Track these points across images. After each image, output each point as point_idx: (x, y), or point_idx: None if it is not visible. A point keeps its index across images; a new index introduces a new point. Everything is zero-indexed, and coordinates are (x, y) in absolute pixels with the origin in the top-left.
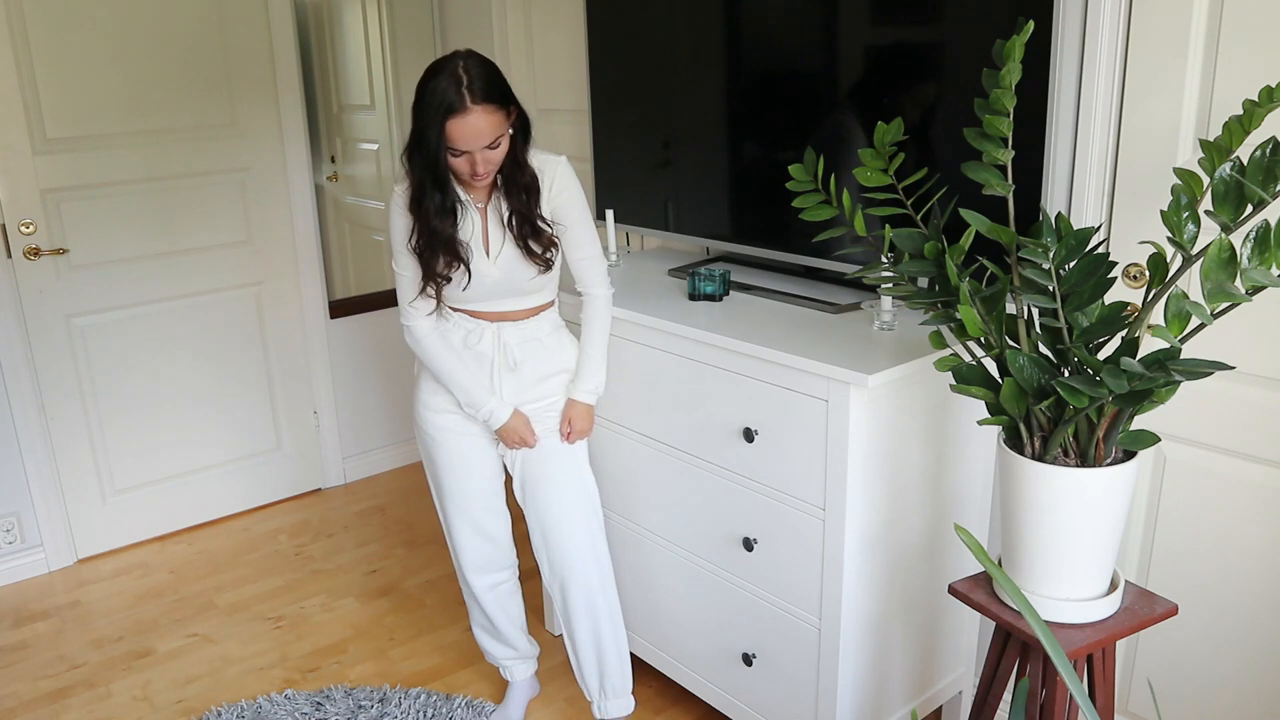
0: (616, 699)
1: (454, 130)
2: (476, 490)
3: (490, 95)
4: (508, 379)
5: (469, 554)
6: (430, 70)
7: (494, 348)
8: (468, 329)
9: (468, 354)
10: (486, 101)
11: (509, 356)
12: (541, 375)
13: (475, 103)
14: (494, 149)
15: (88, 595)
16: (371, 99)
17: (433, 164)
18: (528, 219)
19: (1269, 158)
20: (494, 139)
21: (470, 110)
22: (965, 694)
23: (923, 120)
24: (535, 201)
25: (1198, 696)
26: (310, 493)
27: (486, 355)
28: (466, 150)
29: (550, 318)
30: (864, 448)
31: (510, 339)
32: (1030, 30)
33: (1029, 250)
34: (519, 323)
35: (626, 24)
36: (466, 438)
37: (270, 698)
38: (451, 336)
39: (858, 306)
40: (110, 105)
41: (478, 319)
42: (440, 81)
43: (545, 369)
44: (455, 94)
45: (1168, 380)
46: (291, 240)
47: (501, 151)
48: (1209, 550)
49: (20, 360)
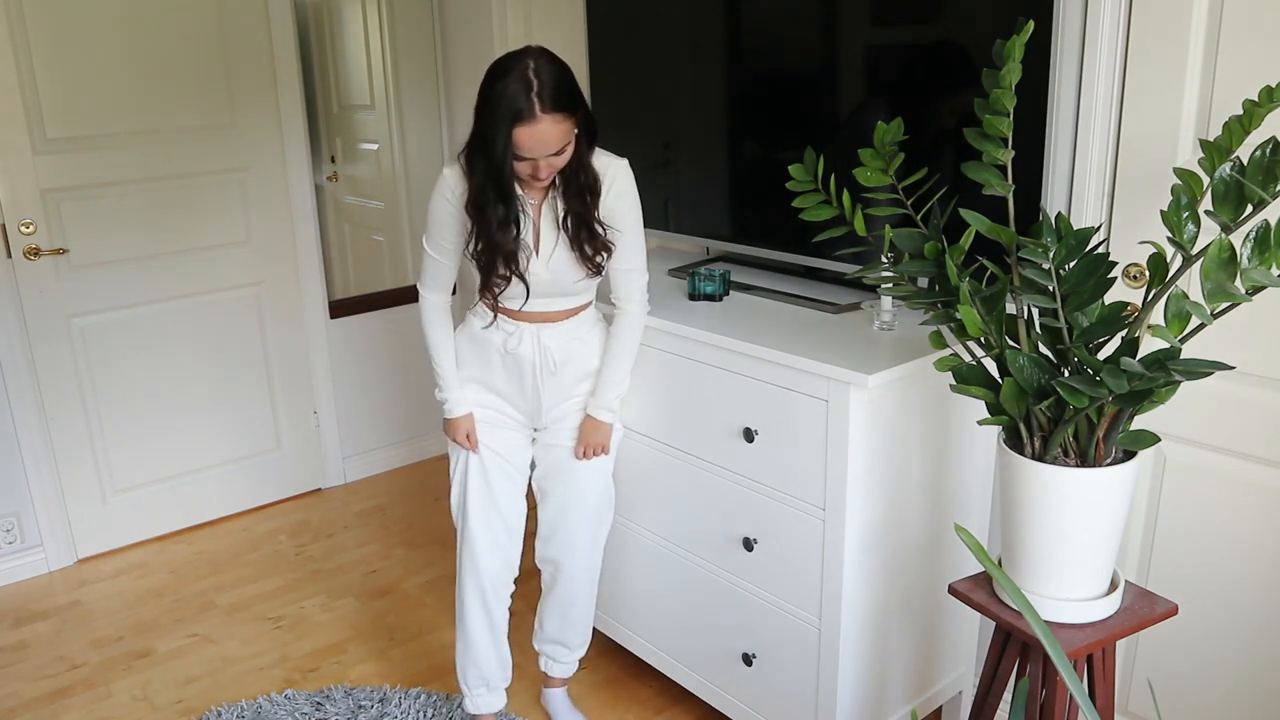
0: (560, 665)
1: (521, 138)
2: (514, 487)
3: (560, 103)
4: (548, 383)
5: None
6: (498, 69)
7: (535, 350)
8: (507, 332)
9: (509, 359)
10: (556, 110)
11: (549, 360)
12: (582, 375)
13: (545, 111)
14: (559, 155)
15: (88, 595)
16: (371, 99)
17: (497, 172)
18: (585, 222)
19: (1269, 158)
20: (561, 147)
21: (540, 119)
22: (965, 694)
23: (923, 120)
24: (595, 204)
25: (1198, 696)
26: (310, 493)
27: (527, 359)
28: (531, 157)
29: (589, 315)
30: (864, 448)
31: (550, 342)
32: (1030, 30)
33: (1029, 250)
34: (559, 324)
35: (626, 24)
36: (502, 429)
37: (270, 698)
38: (491, 338)
39: (858, 306)
40: (110, 105)
41: (517, 321)
42: (509, 85)
43: (587, 367)
44: (525, 100)
45: (1168, 380)
46: (291, 240)
47: (566, 156)
48: (1209, 550)
49: (20, 360)
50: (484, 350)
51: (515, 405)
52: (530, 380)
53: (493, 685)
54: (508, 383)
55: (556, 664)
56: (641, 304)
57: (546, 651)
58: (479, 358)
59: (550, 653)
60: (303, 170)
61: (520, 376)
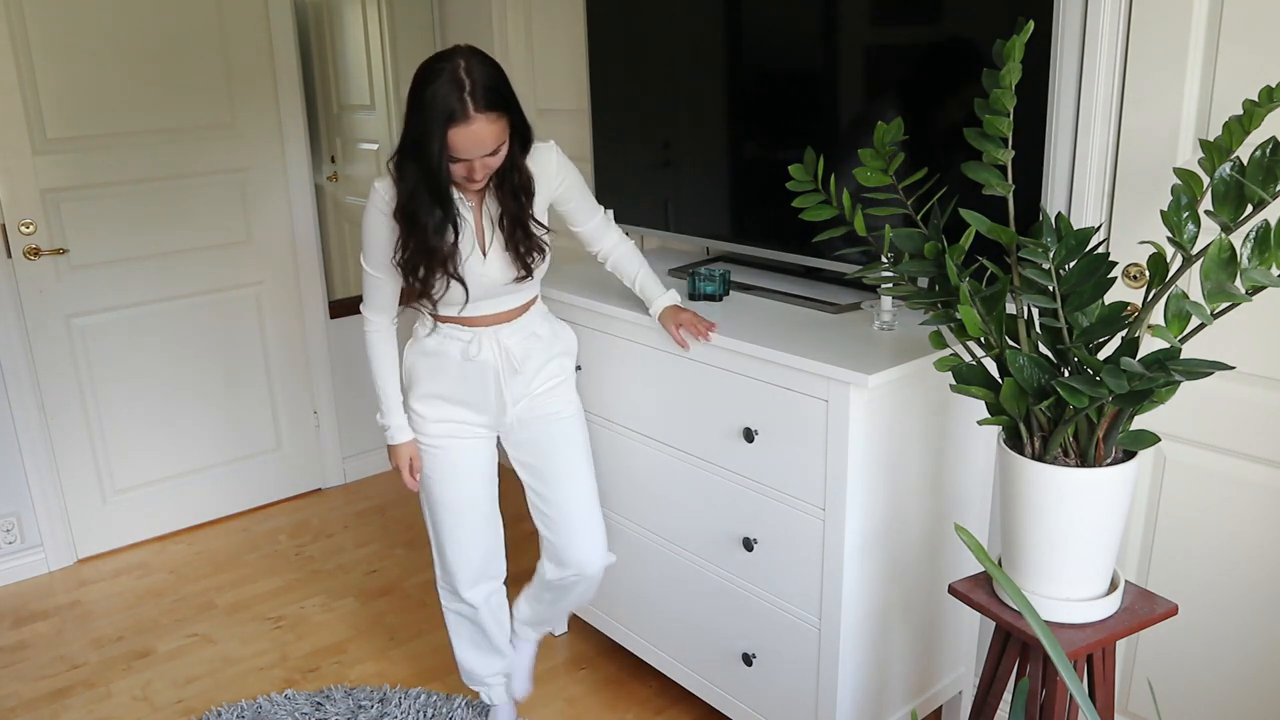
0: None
1: (456, 139)
2: (476, 498)
3: (494, 102)
4: (513, 382)
5: (466, 569)
6: (428, 70)
7: (496, 355)
8: (465, 340)
9: (469, 366)
10: (490, 110)
11: (510, 360)
12: (543, 365)
13: (479, 110)
14: (494, 155)
15: (88, 595)
16: (371, 99)
17: (433, 175)
18: (520, 222)
19: (1269, 158)
20: (496, 147)
21: (474, 119)
22: (965, 694)
23: (923, 120)
24: (529, 204)
25: (1198, 696)
26: (310, 493)
27: (490, 364)
28: (466, 158)
29: (540, 309)
30: (864, 448)
31: (510, 342)
32: (1030, 30)
33: (1029, 250)
34: (514, 323)
35: (626, 24)
36: (468, 441)
37: (270, 698)
38: (447, 349)
39: (858, 306)
40: (110, 105)
41: (472, 327)
42: (440, 86)
43: (546, 358)
44: (457, 100)
45: (1168, 380)
46: (291, 240)
47: (500, 157)
48: (1209, 550)
49: (20, 360)
50: (439, 363)
51: (478, 411)
52: (494, 384)
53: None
54: (469, 391)
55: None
56: (619, 233)
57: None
58: (433, 371)
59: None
60: (303, 170)
61: (483, 382)
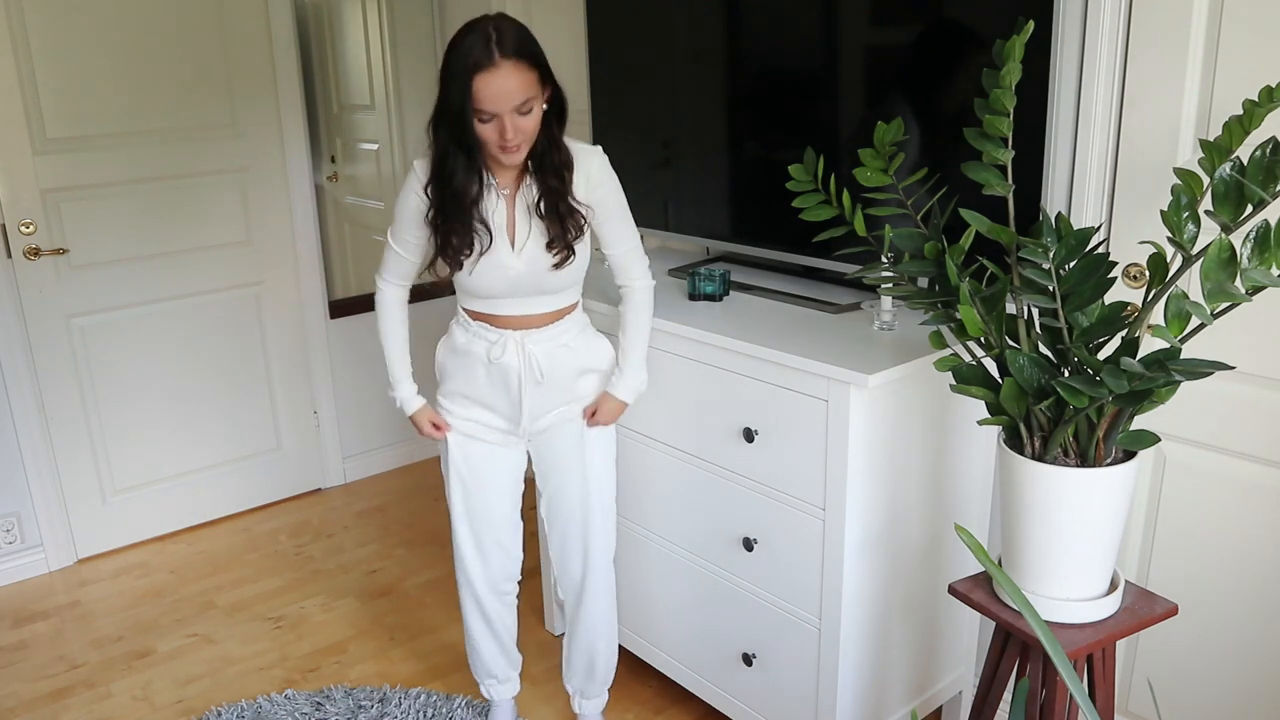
0: (592, 700)
1: (481, 88)
2: (490, 504)
3: (521, 51)
4: (531, 392)
5: (487, 570)
6: (460, 31)
7: (519, 359)
8: (490, 340)
9: (493, 368)
10: (517, 57)
11: (534, 368)
12: (568, 387)
13: (504, 57)
14: (525, 115)
15: (88, 595)
16: (371, 99)
17: (459, 127)
18: (561, 196)
19: (1269, 158)
20: (524, 100)
21: (499, 66)
22: (965, 694)
23: (923, 120)
24: (570, 180)
25: (1198, 696)
26: (310, 493)
27: (512, 368)
28: (495, 113)
29: (576, 319)
30: (864, 448)
31: (536, 350)
32: (1030, 30)
33: (1029, 250)
34: (544, 329)
35: (626, 24)
36: (492, 446)
37: (270, 698)
38: (474, 349)
39: (858, 306)
40: (110, 105)
41: (500, 328)
42: (468, 39)
43: (575, 373)
44: (483, 49)
45: (1168, 380)
46: (291, 240)
47: (533, 120)
48: (1209, 550)
49: (20, 360)
50: (467, 362)
51: (502, 415)
52: (515, 389)
53: (503, 678)
54: (493, 393)
55: (587, 701)
56: (647, 276)
57: (573, 687)
58: (462, 370)
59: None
60: (303, 170)
61: (505, 386)
